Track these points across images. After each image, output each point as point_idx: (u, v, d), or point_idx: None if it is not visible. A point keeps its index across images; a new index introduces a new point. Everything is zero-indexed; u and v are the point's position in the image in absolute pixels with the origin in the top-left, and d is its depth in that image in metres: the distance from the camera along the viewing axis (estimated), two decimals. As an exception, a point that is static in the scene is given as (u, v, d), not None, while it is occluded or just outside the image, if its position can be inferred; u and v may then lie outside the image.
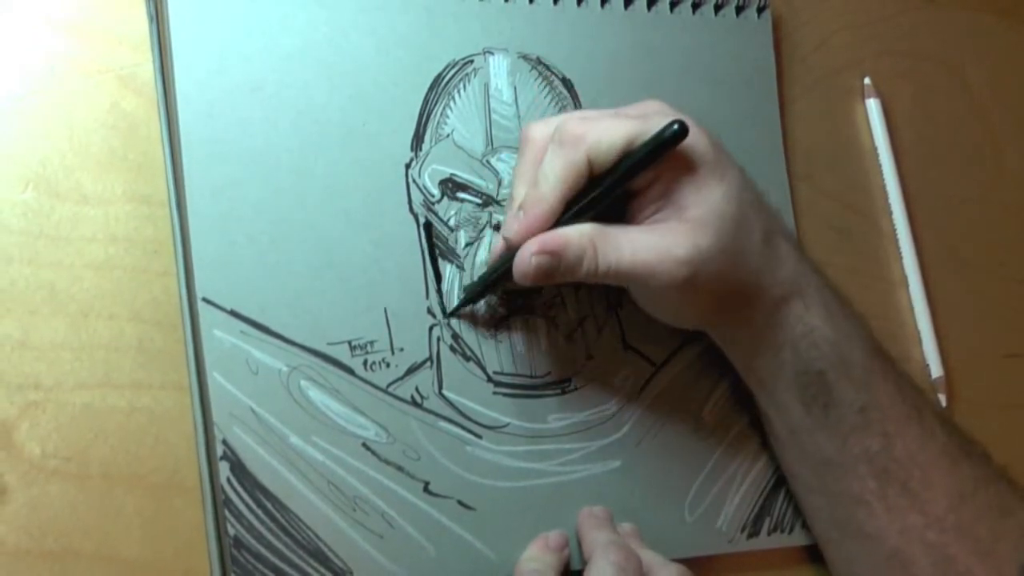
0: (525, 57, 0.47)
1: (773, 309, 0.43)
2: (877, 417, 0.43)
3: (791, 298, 0.43)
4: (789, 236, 0.45)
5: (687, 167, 0.41)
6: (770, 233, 0.43)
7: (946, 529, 0.42)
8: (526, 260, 0.40)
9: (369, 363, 0.42)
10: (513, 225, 0.41)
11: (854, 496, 0.43)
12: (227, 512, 0.39)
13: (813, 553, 0.48)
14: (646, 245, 0.41)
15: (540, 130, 0.43)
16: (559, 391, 0.45)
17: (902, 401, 0.44)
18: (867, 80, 0.55)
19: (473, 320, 0.44)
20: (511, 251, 0.41)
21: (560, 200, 0.41)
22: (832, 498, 0.44)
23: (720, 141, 0.43)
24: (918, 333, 0.53)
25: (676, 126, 0.39)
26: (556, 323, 0.45)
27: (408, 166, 0.45)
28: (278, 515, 0.40)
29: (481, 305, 0.45)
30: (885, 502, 0.43)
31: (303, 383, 0.41)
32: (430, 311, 0.44)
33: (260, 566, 0.39)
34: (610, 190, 0.41)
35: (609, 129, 0.41)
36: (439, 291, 0.44)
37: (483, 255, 0.45)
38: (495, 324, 0.45)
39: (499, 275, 0.43)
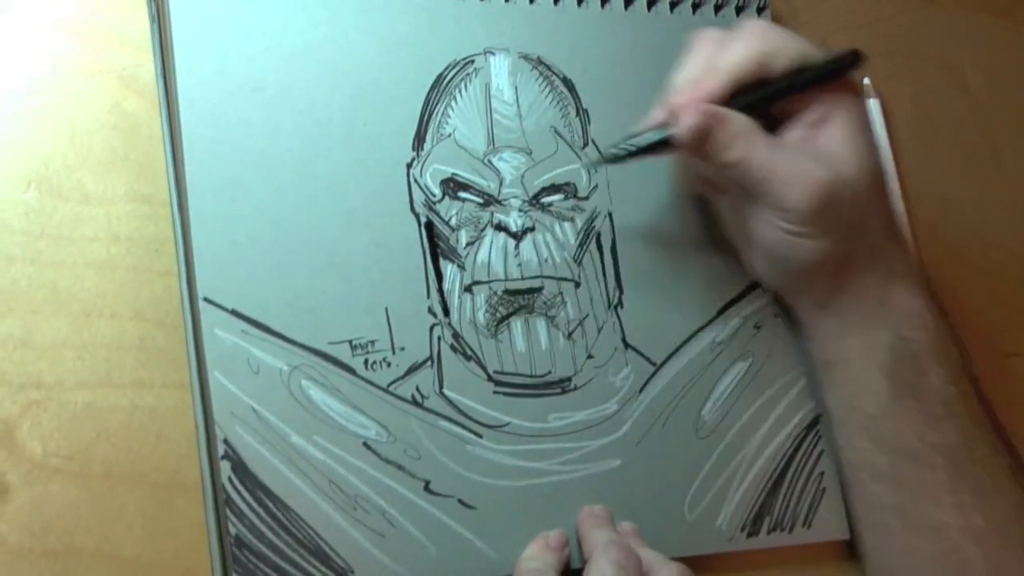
0: (526, 57, 0.47)
1: (883, 282, 0.44)
2: (959, 413, 0.44)
3: (901, 278, 0.44)
4: (903, 226, 0.47)
5: (845, 108, 0.44)
6: (892, 212, 0.45)
7: (1007, 538, 0.43)
8: (692, 116, 0.42)
9: (370, 362, 0.42)
10: (684, 93, 0.43)
11: (925, 486, 0.43)
12: (228, 511, 0.39)
13: (812, 552, 0.49)
14: (793, 157, 0.43)
15: (716, 31, 0.45)
16: (559, 390, 0.45)
17: (980, 409, 0.45)
18: (866, 80, 0.55)
19: (473, 320, 0.44)
20: (672, 118, 0.43)
21: (733, 79, 0.43)
22: (901, 487, 0.44)
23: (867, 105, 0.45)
24: (917, 332, 0.53)
25: (852, 56, 0.43)
26: (556, 322, 0.46)
27: (409, 166, 0.45)
28: (279, 514, 0.40)
29: (481, 305, 0.45)
30: (955, 497, 0.43)
31: (304, 382, 0.41)
32: (431, 311, 0.44)
33: (261, 565, 0.39)
34: (778, 93, 0.43)
35: (790, 38, 0.44)
36: (440, 291, 0.44)
37: (484, 254, 0.45)
38: (495, 324, 0.45)
39: (651, 145, 0.44)
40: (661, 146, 0.44)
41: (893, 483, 0.44)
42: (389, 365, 0.43)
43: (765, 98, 0.44)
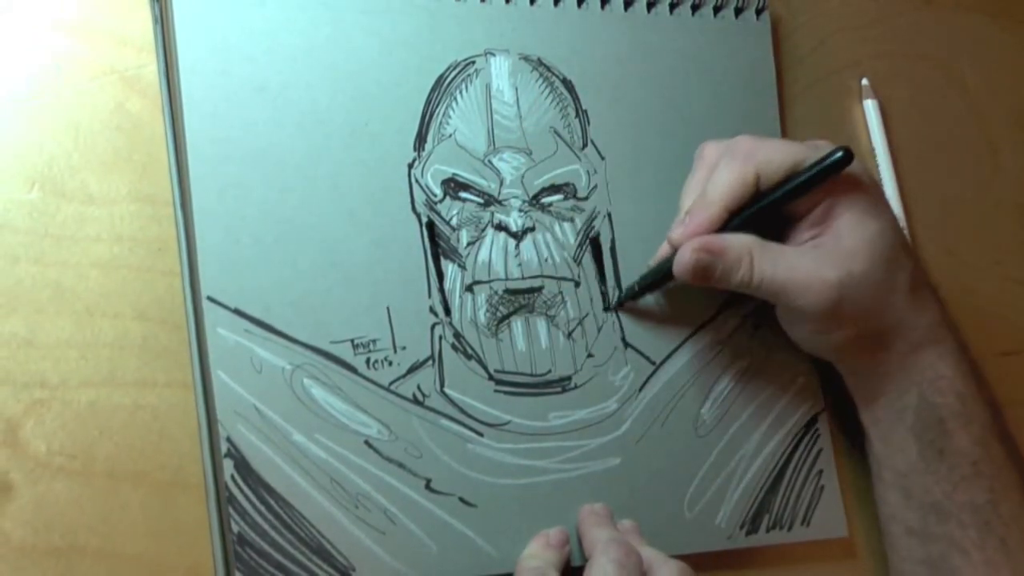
0: (526, 58, 0.47)
1: (908, 352, 0.45)
2: (987, 473, 0.44)
3: (928, 345, 0.45)
4: (932, 287, 0.47)
5: (848, 199, 0.44)
6: (917, 279, 0.45)
7: None
8: (688, 255, 0.43)
9: (371, 361, 0.43)
10: (678, 228, 0.44)
11: (954, 542, 0.44)
12: (231, 509, 0.40)
13: (811, 550, 0.49)
14: (800, 264, 0.43)
15: (713, 148, 0.45)
16: (559, 389, 0.45)
17: (1012, 468, 0.45)
18: (865, 81, 0.56)
19: (474, 320, 0.45)
20: (674, 253, 0.44)
21: (725, 207, 0.43)
22: (930, 541, 0.45)
23: (879, 184, 0.45)
24: (915, 331, 0.53)
25: (841, 152, 0.42)
26: (556, 322, 0.46)
27: (411, 166, 0.45)
28: (281, 512, 0.40)
29: (482, 304, 0.45)
30: (983, 553, 0.44)
31: (306, 381, 0.42)
32: (432, 310, 0.44)
33: (263, 563, 0.40)
34: (774, 204, 0.44)
35: (779, 149, 0.44)
36: (441, 290, 0.44)
37: (484, 254, 0.45)
38: (496, 323, 0.45)
39: (660, 276, 0.45)
40: (669, 277, 0.45)
41: (923, 538, 0.45)
42: (390, 364, 0.43)
43: (759, 213, 0.44)
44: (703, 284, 0.44)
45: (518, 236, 0.46)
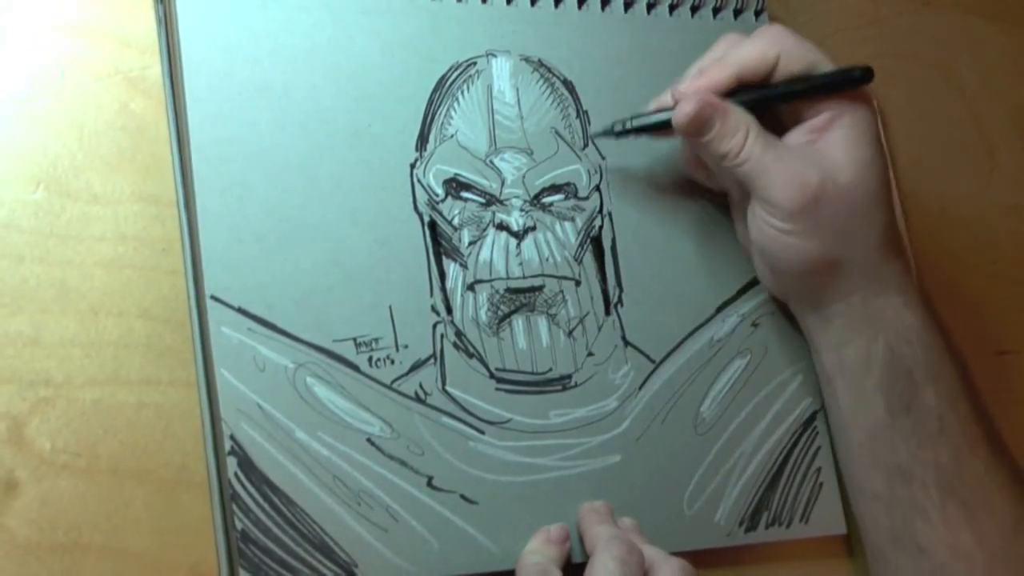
0: (527, 59, 0.48)
1: (875, 293, 0.44)
2: (953, 431, 0.44)
3: (894, 292, 0.44)
4: (905, 243, 0.47)
5: (851, 119, 0.44)
6: (893, 226, 0.45)
7: (995, 556, 0.43)
8: (692, 103, 0.43)
9: (374, 360, 0.43)
10: (687, 81, 0.44)
11: (916, 504, 0.44)
12: (234, 506, 0.40)
13: (810, 546, 0.49)
14: (789, 158, 0.43)
15: (733, 35, 0.46)
16: (560, 387, 0.45)
17: (978, 424, 0.45)
18: (862, 82, 0.56)
19: (476, 318, 0.45)
20: (674, 105, 0.44)
21: (738, 72, 0.44)
22: (893, 506, 0.44)
23: (880, 125, 0.45)
24: (912, 330, 0.53)
25: (862, 71, 0.43)
26: (557, 320, 0.46)
27: (413, 166, 0.45)
28: (284, 509, 0.40)
29: (483, 303, 0.45)
30: (943, 514, 0.43)
31: (309, 379, 0.42)
32: (434, 309, 0.44)
33: (267, 559, 0.40)
34: (781, 96, 0.44)
35: (803, 45, 0.44)
36: (443, 289, 0.45)
37: (486, 254, 0.46)
38: (497, 322, 0.45)
39: (653, 124, 0.45)
40: (662, 128, 0.45)
41: (888, 504, 0.45)
42: (393, 362, 0.43)
43: (768, 98, 0.44)
44: (694, 137, 0.44)
45: (519, 235, 0.46)
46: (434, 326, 0.44)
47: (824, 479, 0.49)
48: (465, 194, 0.46)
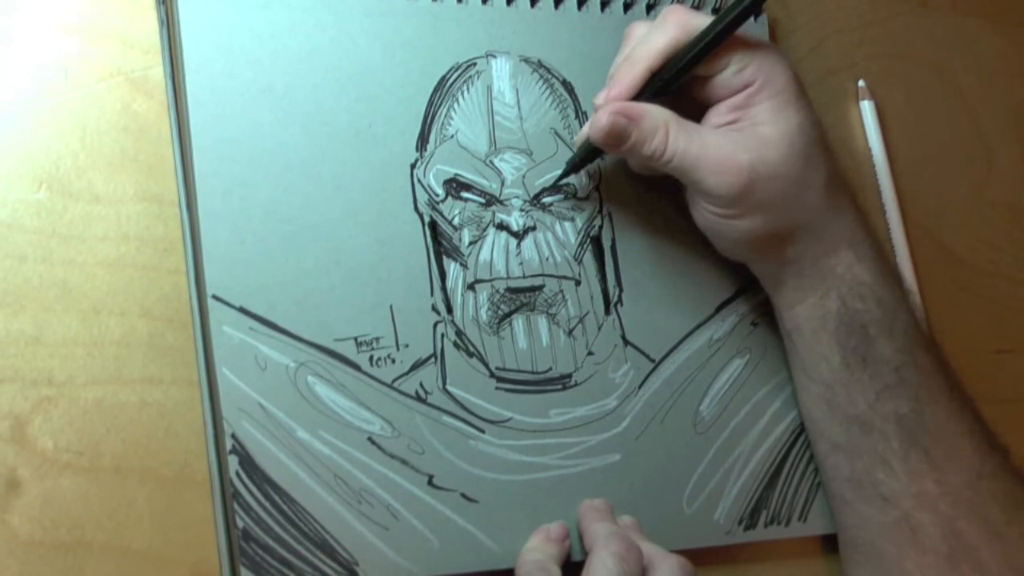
0: (527, 60, 0.48)
1: (823, 253, 0.44)
2: (912, 381, 0.44)
3: (844, 247, 0.44)
4: (850, 192, 0.46)
5: (769, 89, 0.43)
6: (834, 180, 0.44)
7: (959, 503, 0.43)
8: (604, 118, 0.42)
9: (375, 359, 0.43)
10: (602, 92, 0.43)
11: (877, 454, 0.43)
12: (236, 505, 0.40)
13: (808, 545, 0.49)
14: (715, 143, 0.42)
15: (641, 26, 0.45)
16: (560, 387, 0.46)
17: (937, 373, 0.45)
18: (861, 82, 0.56)
19: (476, 318, 0.45)
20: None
21: (648, 67, 0.43)
22: (854, 456, 0.44)
23: (799, 79, 0.44)
24: (911, 329, 0.54)
25: None
26: (557, 320, 0.46)
27: (413, 166, 0.45)
28: (286, 508, 0.41)
29: (484, 303, 0.45)
30: (905, 464, 0.43)
31: (310, 378, 0.42)
32: (435, 308, 0.44)
33: (268, 558, 0.40)
34: (691, 61, 0.43)
35: (706, 18, 0.43)
36: (443, 289, 0.45)
37: (486, 253, 0.46)
38: (497, 321, 0.45)
39: (589, 149, 0.45)
40: (594, 152, 0.45)
41: (848, 452, 0.45)
42: (393, 362, 0.43)
43: (679, 72, 0.43)
44: (615, 150, 0.44)
45: (519, 235, 0.46)
46: (435, 325, 0.44)
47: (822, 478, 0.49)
48: (465, 194, 0.46)
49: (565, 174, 0.47)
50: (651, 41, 0.43)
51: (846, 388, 0.44)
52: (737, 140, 0.43)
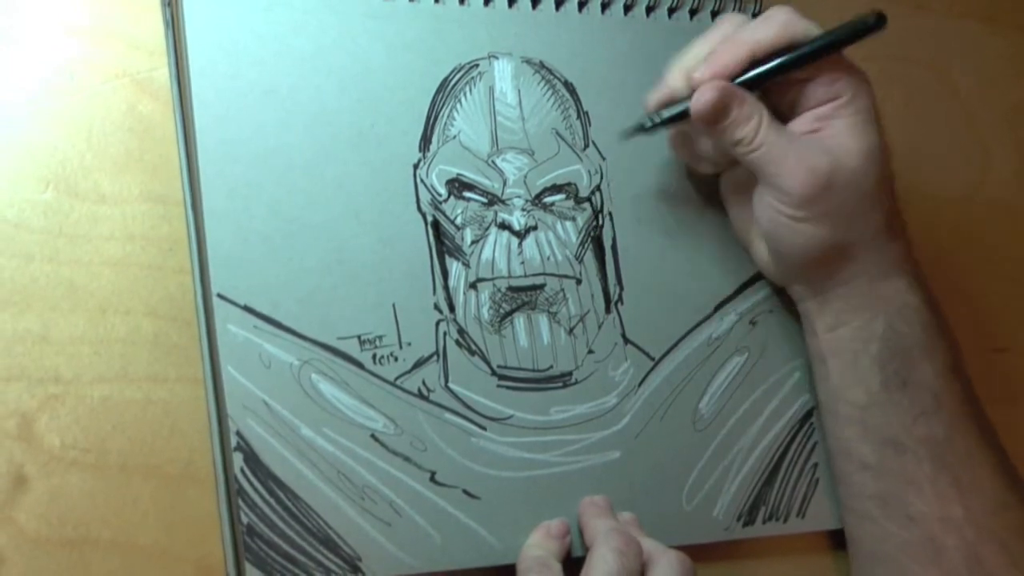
0: (528, 61, 0.48)
1: (880, 275, 0.45)
2: (947, 408, 0.44)
3: (898, 272, 0.45)
4: (903, 217, 0.47)
5: (854, 105, 0.44)
6: (894, 208, 0.45)
7: (983, 530, 0.43)
8: (710, 91, 0.43)
9: (378, 357, 0.43)
10: (702, 67, 0.44)
11: (908, 476, 0.44)
12: (240, 501, 0.40)
13: (806, 541, 0.49)
14: (798, 144, 0.44)
15: (736, 16, 0.46)
16: (561, 384, 0.46)
17: (969, 403, 0.45)
18: (859, 83, 0.57)
19: (478, 316, 0.46)
20: (693, 91, 0.44)
21: (751, 54, 0.43)
22: (883, 476, 0.45)
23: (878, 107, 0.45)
24: (908, 328, 0.54)
25: (875, 17, 0.43)
26: (558, 318, 0.46)
27: (416, 166, 0.45)
28: (290, 504, 0.41)
29: (485, 301, 0.46)
30: (935, 488, 0.44)
31: (314, 376, 0.42)
32: (437, 307, 0.45)
33: (272, 553, 0.40)
34: (797, 59, 0.43)
35: (815, 28, 0.44)
36: (446, 287, 0.45)
37: (488, 252, 0.46)
38: (499, 319, 0.46)
39: (674, 116, 0.45)
40: (681, 116, 0.45)
41: (877, 472, 0.45)
42: (396, 359, 0.43)
43: (780, 67, 0.44)
44: (710, 124, 0.44)
45: (521, 235, 0.47)
46: (437, 324, 0.45)
47: (820, 475, 0.49)
48: (467, 194, 0.46)
49: (638, 131, 0.46)
50: (757, 31, 0.44)
51: (883, 410, 0.45)
52: (819, 145, 0.44)
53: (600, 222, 0.48)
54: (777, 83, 0.45)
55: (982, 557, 0.43)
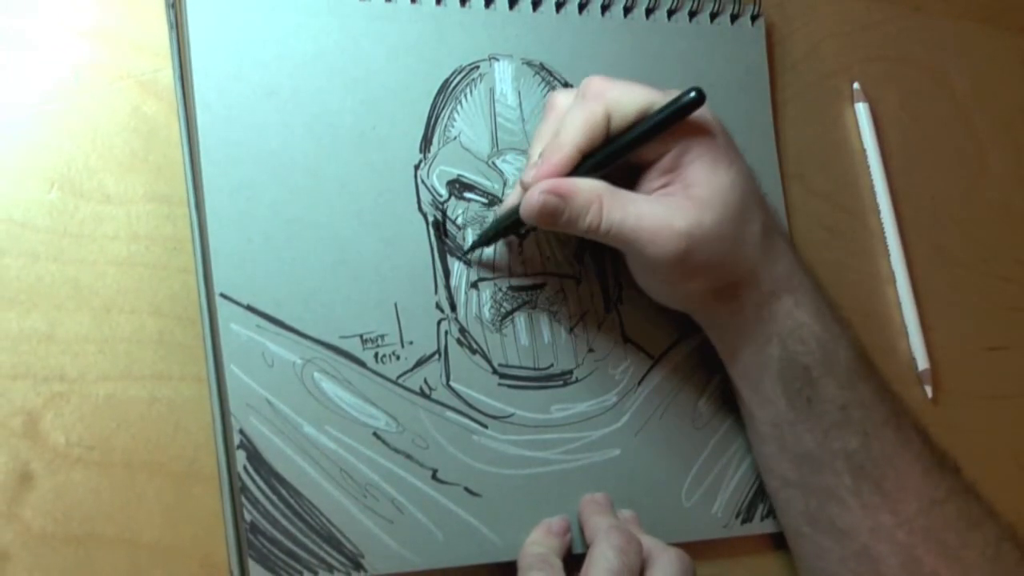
0: (529, 63, 0.48)
1: (763, 302, 0.44)
2: (858, 416, 0.44)
3: (783, 293, 0.44)
4: (785, 235, 0.46)
5: (698, 148, 0.42)
6: (769, 228, 0.44)
7: (915, 531, 0.43)
8: (535, 197, 0.42)
9: (380, 356, 0.43)
10: (530, 171, 0.42)
11: (829, 490, 0.44)
12: (244, 498, 0.40)
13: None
14: (650, 212, 0.42)
15: (563, 97, 0.44)
16: (561, 383, 0.46)
17: (881, 404, 0.45)
18: (856, 85, 0.56)
19: (479, 315, 0.46)
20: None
21: (577, 149, 0.42)
22: (807, 492, 0.45)
23: (729, 133, 0.44)
24: (905, 327, 0.54)
25: (694, 93, 0.41)
26: (558, 317, 0.47)
27: (417, 167, 0.46)
28: (292, 501, 0.41)
29: (487, 300, 0.46)
30: (859, 499, 0.43)
31: (316, 375, 0.42)
32: (438, 306, 0.45)
33: (275, 550, 0.40)
34: (626, 147, 0.42)
35: (631, 90, 0.43)
36: (447, 287, 0.45)
37: (489, 252, 0.46)
38: (500, 318, 0.46)
39: (511, 222, 0.44)
40: (517, 224, 0.44)
41: (801, 489, 0.45)
42: (398, 358, 0.44)
43: (611, 155, 0.42)
44: (550, 227, 0.43)
45: (521, 235, 0.47)
46: (438, 323, 0.45)
47: (818, 472, 0.50)
48: (468, 194, 0.46)
49: (480, 243, 0.45)
50: (576, 121, 0.42)
51: (793, 428, 0.44)
52: (671, 206, 0.42)
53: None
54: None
55: (918, 558, 0.43)
